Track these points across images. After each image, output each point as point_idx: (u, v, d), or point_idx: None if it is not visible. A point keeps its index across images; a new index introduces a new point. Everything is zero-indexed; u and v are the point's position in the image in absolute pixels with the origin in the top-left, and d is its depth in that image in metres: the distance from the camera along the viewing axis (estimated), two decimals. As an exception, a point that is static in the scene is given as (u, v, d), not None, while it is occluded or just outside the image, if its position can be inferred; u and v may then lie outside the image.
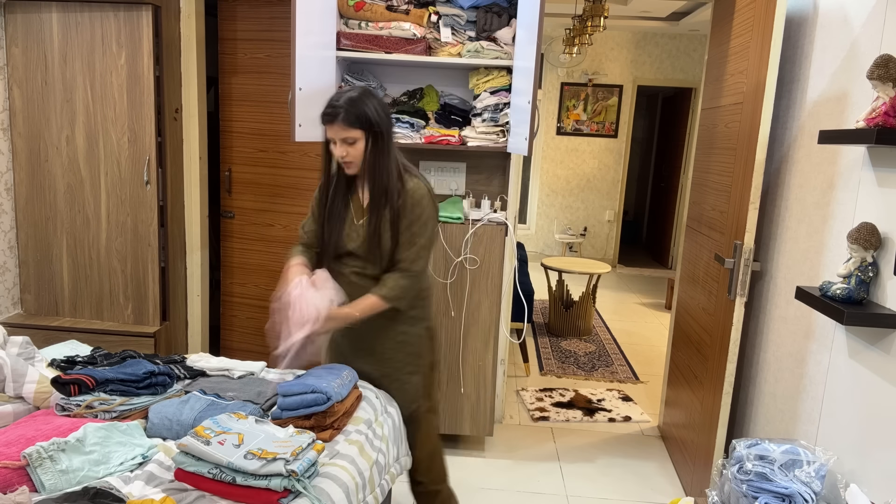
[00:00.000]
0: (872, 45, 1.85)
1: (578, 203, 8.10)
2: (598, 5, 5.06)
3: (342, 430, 1.87)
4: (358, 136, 1.88)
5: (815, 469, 1.67)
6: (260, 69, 3.46)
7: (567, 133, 7.91)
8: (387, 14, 2.84)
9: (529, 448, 3.30)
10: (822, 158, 2.11)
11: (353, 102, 1.87)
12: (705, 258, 2.82)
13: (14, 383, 1.86)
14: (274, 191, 3.56)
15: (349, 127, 1.87)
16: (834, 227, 1.99)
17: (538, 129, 7.90)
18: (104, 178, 3.17)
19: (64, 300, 3.30)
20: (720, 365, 2.48)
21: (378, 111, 1.90)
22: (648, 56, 7.66)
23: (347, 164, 1.94)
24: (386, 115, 1.93)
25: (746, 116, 2.41)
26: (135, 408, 1.85)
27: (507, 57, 2.82)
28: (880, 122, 1.60)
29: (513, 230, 3.10)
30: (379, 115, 1.89)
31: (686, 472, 2.91)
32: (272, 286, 3.65)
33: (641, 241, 9.84)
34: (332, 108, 1.88)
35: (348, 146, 1.90)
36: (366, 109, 1.87)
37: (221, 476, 1.49)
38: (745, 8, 2.54)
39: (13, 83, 3.11)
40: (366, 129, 1.88)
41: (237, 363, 2.24)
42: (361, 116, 1.87)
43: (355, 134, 1.88)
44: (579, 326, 5.12)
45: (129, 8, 3.01)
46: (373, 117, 1.88)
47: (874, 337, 1.72)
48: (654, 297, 6.65)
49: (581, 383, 4.20)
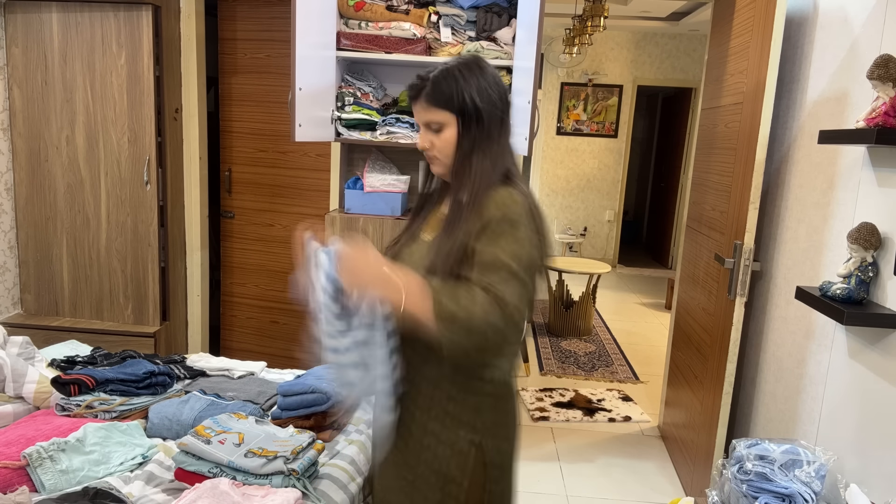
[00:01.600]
0: (872, 45, 1.85)
1: (578, 203, 8.10)
2: (598, 5, 5.06)
3: (342, 430, 1.87)
4: (446, 119, 1.34)
5: (815, 469, 1.67)
6: (260, 69, 3.46)
7: (567, 133, 7.90)
8: (387, 14, 2.84)
9: (529, 448, 3.30)
10: (822, 158, 2.11)
11: (447, 75, 1.33)
12: (705, 258, 2.82)
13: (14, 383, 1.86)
14: (274, 191, 3.56)
15: (434, 107, 1.34)
16: (834, 227, 1.99)
17: (538, 129, 7.89)
18: (104, 178, 3.17)
19: (64, 300, 3.30)
20: (720, 365, 2.48)
21: (484, 91, 1.33)
22: (648, 56, 7.66)
23: (431, 158, 1.40)
24: (496, 97, 1.35)
25: (746, 116, 2.41)
26: (135, 408, 1.85)
27: (507, 57, 2.82)
28: (880, 122, 1.60)
29: (513, 230, 3.09)
30: (482, 97, 1.33)
31: (686, 472, 2.91)
32: (272, 286, 3.66)
33: (641, 241, 9.84)
34: (420, 79, 1.36)
35: (433, 134, 1.37)
36: (463, 86, 1.31)
37: (222, 475, 1.49)
38: (745, 8, 2.54)
39: (13, 83, 3.11)
40: (457, 113, 1.33)
41: (237, 363, 2.24)
42: (453, 95, 1.32)
43: (442, 117, 1.34)
44: (579, 326, 5.12)
45: (129, 8, 3.01)
46: (469, 97, 1.31)
47: (874, 337, 1.72)
48: (654, 297, 6.65)
49: (581, 383, 4.20)
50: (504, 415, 1.38)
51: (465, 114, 1.32)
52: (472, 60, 1.36)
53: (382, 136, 2.90)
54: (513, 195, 1.29)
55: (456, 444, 1.33)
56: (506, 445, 1.38)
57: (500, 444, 1.37)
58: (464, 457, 1.33)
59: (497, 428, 1.36)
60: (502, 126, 1.36)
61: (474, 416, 1.33)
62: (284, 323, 3.64)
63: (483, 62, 1.38)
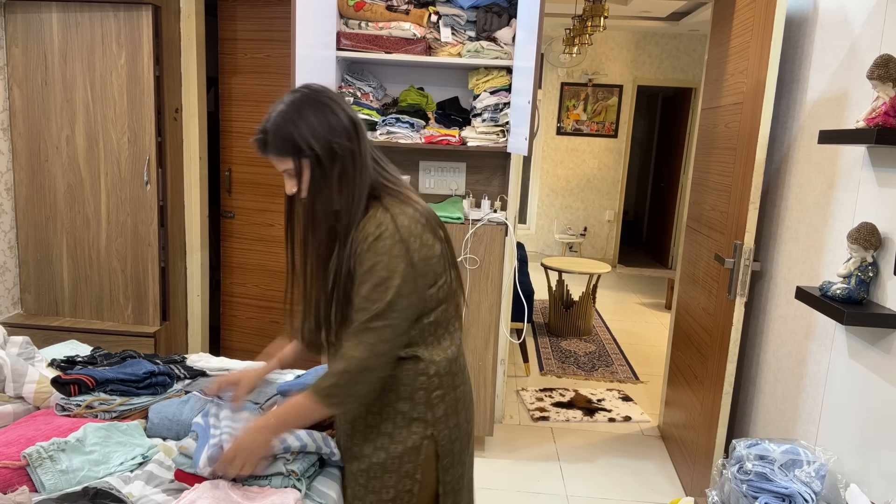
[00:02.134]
0: (872, 45, 1.85)
1: (578, 203, 8.10)
2: (598, 5, 5.06)
3: (342, 430, 1.87)
4: (296, 165, 1.37)
5: (815, 469, 1.67)
6: (260, 69, 3.46)
7: (567, 133, 7.91)
8: (387, 14, 2.84)
9: (529, 448, 3.30)
10: (822, 158, 2.11)
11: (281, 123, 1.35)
12: (705, 258, 2.82)
13: (14, 383, 1.86)
14: (274, 191, 3.56)
15: (281, 157, 1.37)
16: (834, 227, 1.99)
17: (538, 129, 7.91)
18: (104, 178, 3.17)
19: (64, 300, 3.30)
20: (720, 365, 2.48)
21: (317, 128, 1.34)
22: (648, 56, 7.66)
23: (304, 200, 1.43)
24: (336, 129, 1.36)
25: (746, 116, 2.41)
26: (135, 408, 1.85)
27: (507, 57, 2.82)
28: (880, 122, 1.60)
29: (513, 230, 3.10)
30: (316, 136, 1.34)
31: (686, 472, 2.91)
32: (272, 286, 3.66)
33: (641, 241, 9.84)
34: (261, 132, 1.37)
35: (295, 179, 1.40)
36: (299, 131, 1.34)
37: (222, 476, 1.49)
38: (745, 8, 2.54)
39: (13, 83, 3.11)
40: (303, 157, 1.35)
41: (237, 363, 2.24)
42: (291, 142, 1.34)
43: (292, 164, 1.37)
44: (579, 326, 5.12)
45: (129, 8, 3.01)
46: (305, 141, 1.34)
47: (874, 337, 1.72)
48: (654, 297, 6.65)
49: (581, 383, 4.20)
50: (454, 402, 1.50)
51: (310, 156, 1.35)
52: (301, 100, 1.36)
53: (382, 136, 2.90)
54: (377, 220, 1.36)
55: (408, 441, 1.46)
56: (456, 433, 1.51)
57: (450, 433, 1.49)
58: (416, 451, 1.46)
59: (447, 417, 1.48)
60: (352, 155, 1.37)
61: (426, 411, 1.45)
62: (284, 323, 3.64)
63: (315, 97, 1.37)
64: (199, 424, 1.56)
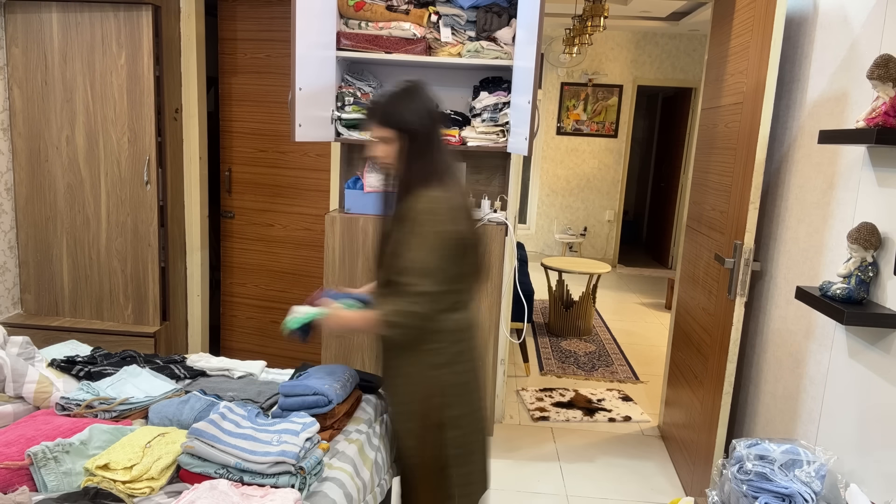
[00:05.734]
0: (872, 45, 1.85)
1: (578, 203, 8.10)
2: (598, 5, 5.06)
3: (342, 430, 1.87)
4: (391, 136, 1.76)
5: (815, 469, 1.67)
6: (260, 69, 3.46)
7: (567, 133, 7.90)
8: (387, 14, 2.84)
9: (529, 448, 3.30)
10: (822, 158, 2.11)
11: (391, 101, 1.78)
12: (705, 258, 2.82)
13: (14, 383, 1.86)
14: (274, 191, 3.56)
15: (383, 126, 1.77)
16: (834, 227, 1.99)
17: (538, 128, 7.90)
18: (104, 178, 3.17)
19: (64, 300, 3.30)
20: (720, 365, 2.48)
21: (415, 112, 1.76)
22: (648, 56, 7.66)
23: (382, 165, 1.84)
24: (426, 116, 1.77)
25: (746, 116, 2.41)
26: (134, 407, 1.85)
27: (507, 57, 2.82)
28: (880, 121, 1.60)
29: (513, 230, 3.10)
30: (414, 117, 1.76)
31: (686, 472, 2.91)
32: (272, 286, 3.66)
33: (641, 241, 9.84)
34: (374, 103, 1.81)
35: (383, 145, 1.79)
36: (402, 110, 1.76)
37: (229, 476, 1.49)
38: (745, 8, 2.54)
39: (13, 83, 3.11)
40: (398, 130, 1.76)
41: (237, 363, 2.24)
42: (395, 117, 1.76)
43: (389, 133, 1.76)
44: (579, 326, 5.12)
45: (129, 8, 3.01)
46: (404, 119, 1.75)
47: (874, 337, 1.72)
48: (654, 297, 6.65)
49: (581, 383, 4.20)
50: (465, 343, 1.83)
51: (404, 131, 1.75)
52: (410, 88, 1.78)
53: (382, 136, 2.90)
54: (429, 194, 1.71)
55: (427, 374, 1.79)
56: (462, 367, 1.82)
57: (458, 367, 1.82)
58: (426, 383, 1.79)
59: (458, 356, 1.82)
60: (430, 138, 1.77)
61: (442, 353, 1.79)
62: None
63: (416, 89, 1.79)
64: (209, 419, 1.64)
